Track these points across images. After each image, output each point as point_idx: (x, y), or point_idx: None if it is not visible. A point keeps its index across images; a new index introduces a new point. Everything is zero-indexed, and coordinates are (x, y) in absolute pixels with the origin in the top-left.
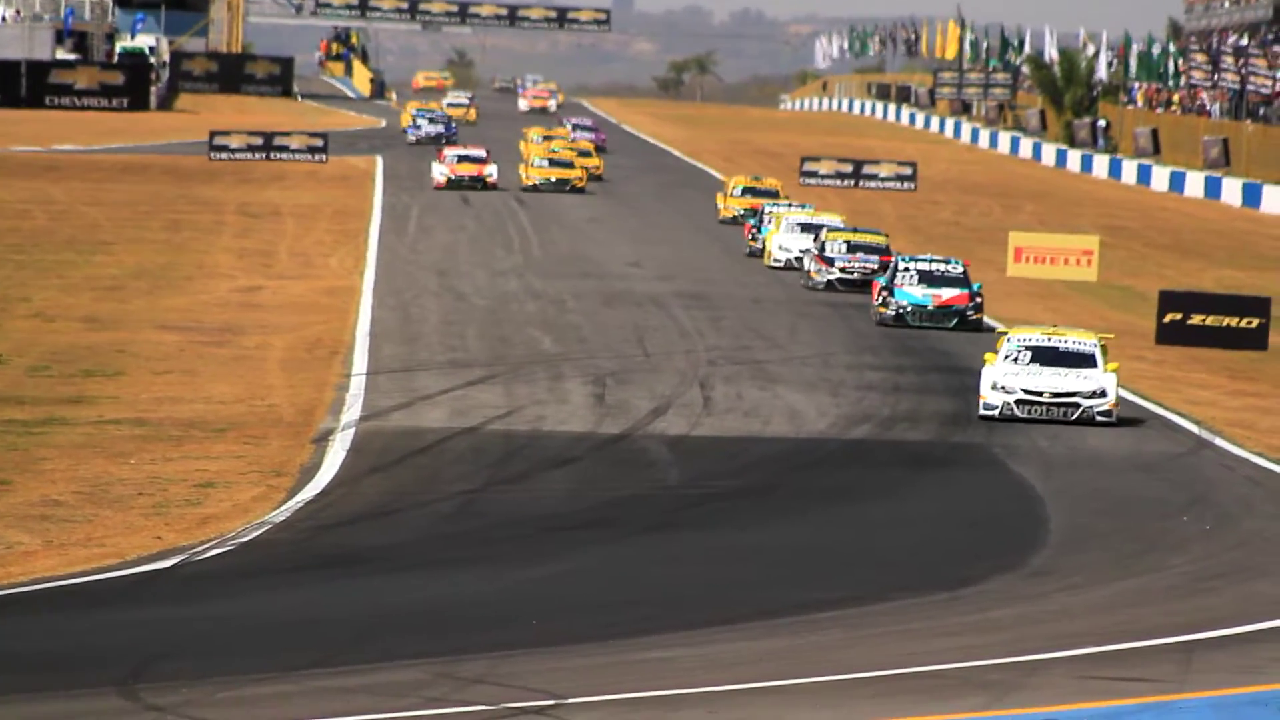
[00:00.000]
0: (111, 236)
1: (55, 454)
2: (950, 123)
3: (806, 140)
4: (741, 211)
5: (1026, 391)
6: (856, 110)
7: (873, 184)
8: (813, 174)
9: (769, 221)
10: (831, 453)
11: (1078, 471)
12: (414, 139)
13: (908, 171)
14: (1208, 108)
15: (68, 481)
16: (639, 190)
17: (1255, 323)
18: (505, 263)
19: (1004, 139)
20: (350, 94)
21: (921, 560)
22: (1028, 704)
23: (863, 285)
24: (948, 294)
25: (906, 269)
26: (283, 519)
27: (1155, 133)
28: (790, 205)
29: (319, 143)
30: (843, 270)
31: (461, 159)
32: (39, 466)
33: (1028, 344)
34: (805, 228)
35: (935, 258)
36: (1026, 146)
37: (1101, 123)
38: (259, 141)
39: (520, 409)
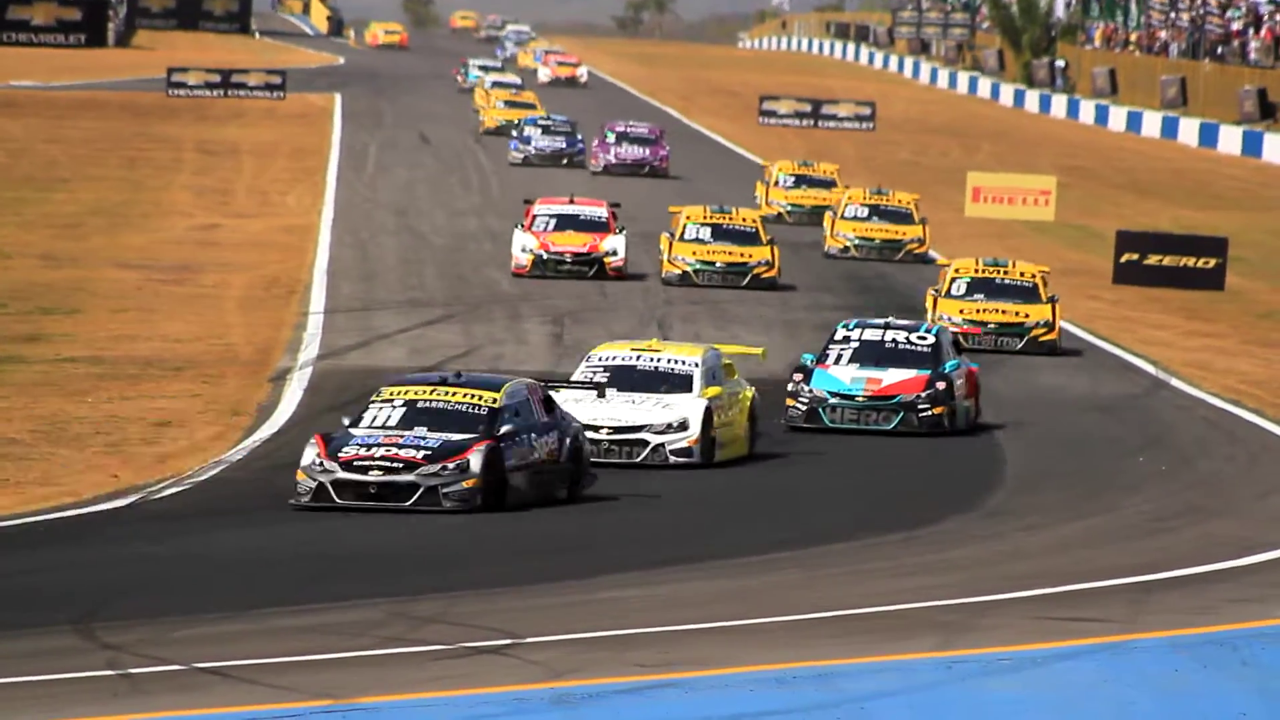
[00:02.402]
0: (69, 173)
1: (12, 392)
2: (909, 62)
3: (765, 79)
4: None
5: None
6: (815, 49)
7: (831, 124)
8: (772, 113)
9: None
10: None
11: (1034, 412)
12: (520, 157)
13: (866, 111)
14: (1167, 46)
15: (24, 420)
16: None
17: (1212, 263)
18: (464, 202)
19: (962, 79)
20: (308, 31)
21: (877, 501)
22: (982, 644)
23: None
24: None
25: (846, 338)
26: (239, 458)
27: (1113, 73)
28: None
29: (277, 80)
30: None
31: (562, 222)
32: None
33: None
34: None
35: (894, 321)
36: (985, 86)
37: (1060, 63)
38: (217, 79)
39: (479, 348)
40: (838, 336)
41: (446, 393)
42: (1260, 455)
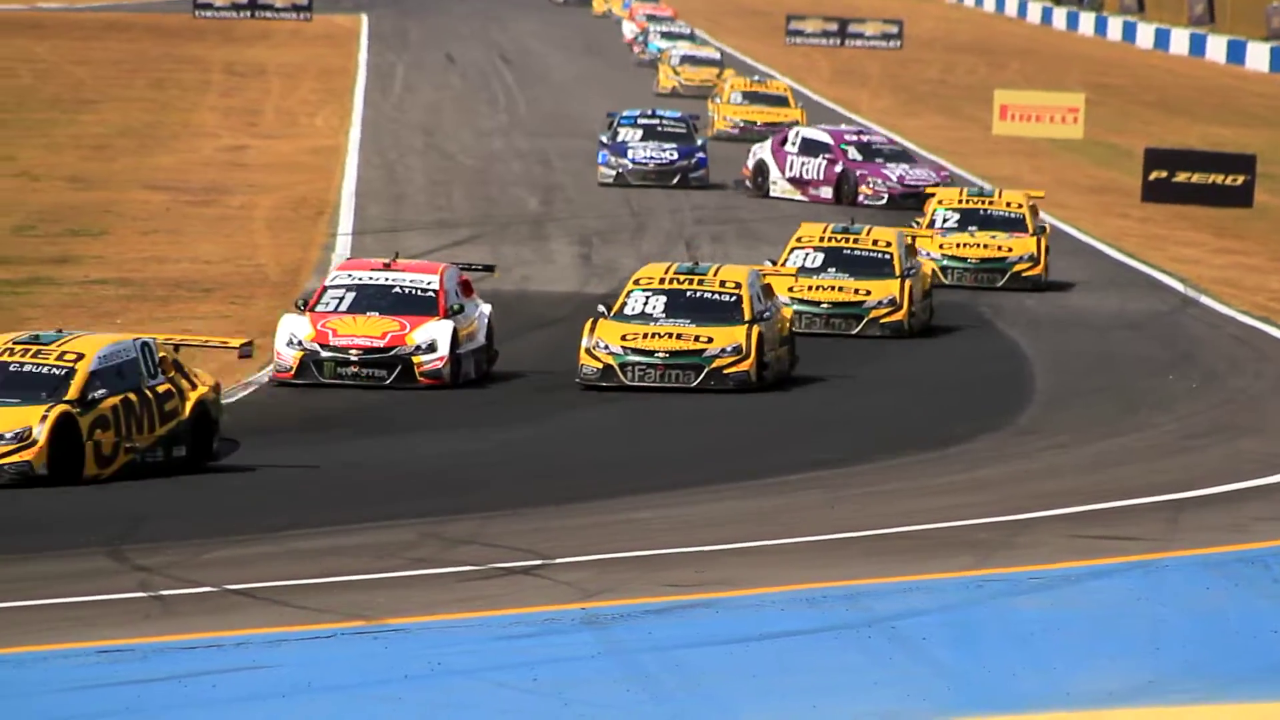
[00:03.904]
0: (97, 95)
1: (41, 314)
2: None
3: None
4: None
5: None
6: None
7: (859, 43)
8: (798, 33)
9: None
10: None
11: (1064, 331)
12: (610, 175)
13: (894, 30)
14: None
15: None
16: (625, 48)
17: (1240, 180)
18: (491, 122)
19: None
20: None
21: (908, 421)
22: (1015, 563)
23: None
24: None
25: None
26: (268, 380)
27: None
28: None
29: (304, 1)
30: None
31: (362, 299)
32: (25, 326)
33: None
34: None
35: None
36: (1012, 4)
37: None
38: (244, 0)
39: (507, 269)
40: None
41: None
42: None
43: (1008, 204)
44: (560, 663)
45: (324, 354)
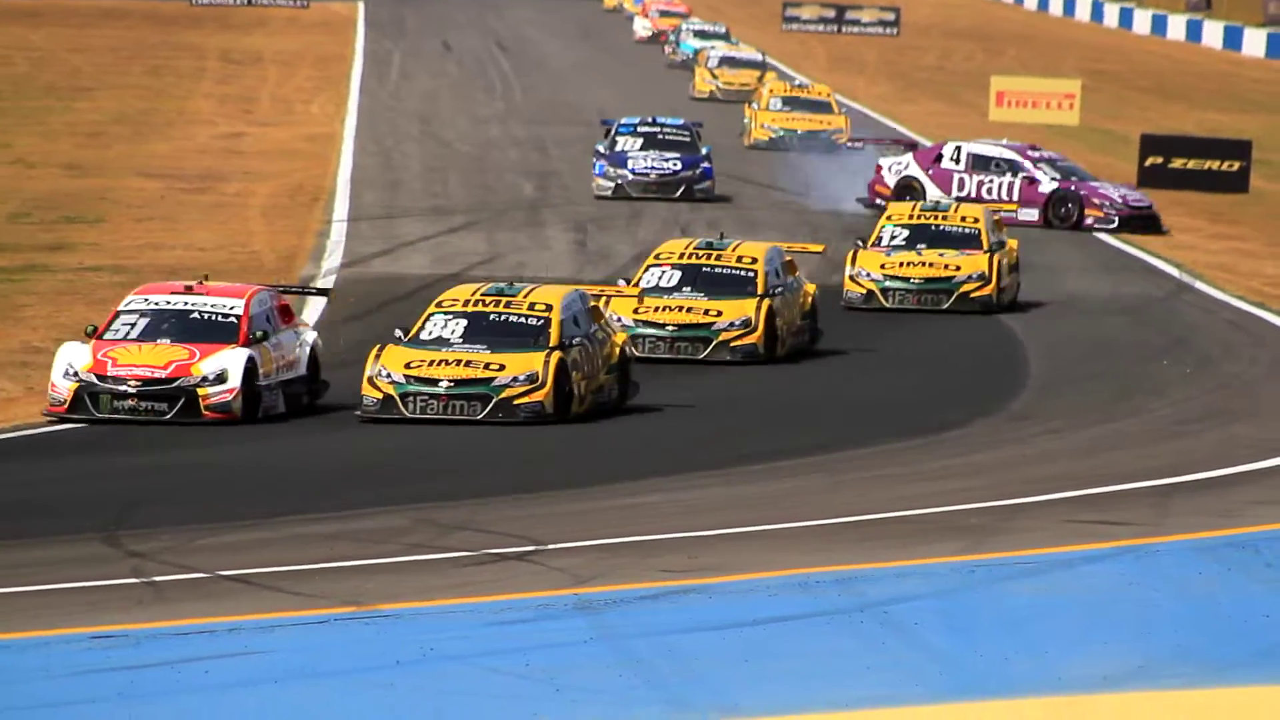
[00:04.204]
0: (92, 83)
1: (36, 301)
2: None
3: None
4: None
5: None
6: None
7: (855, 29)
8: (795, 19)
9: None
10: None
11: (1059, 316)
12: (609, 188)
13: (891, 16)
14: None
15: (49, 328)
16: (622, 37)
17: (1236, 165)
18: (487, 109)
19: None
20: None
21: (902, 405)
22: (1009, 547)
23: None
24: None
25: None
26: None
27: None
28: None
29: None
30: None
31: (155, 325)
32: (20, 313)
33: None
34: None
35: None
36: None
37: None
38: None
39: (502, 255)
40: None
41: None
42: None
43: (963, 218)
44: (553, 648)
45: (99, 385)
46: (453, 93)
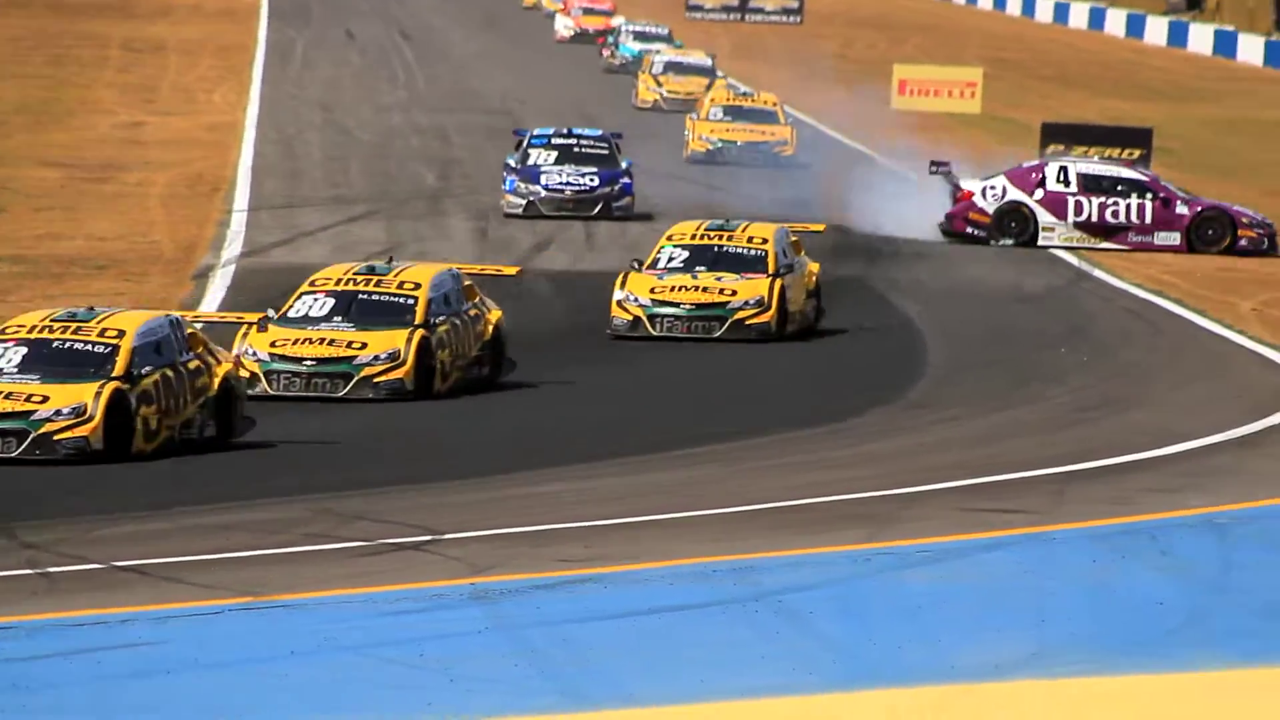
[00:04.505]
0: None
1: None
2: None
3: None
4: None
5: None
6: None
7: (759, 18)
8: (699, 8)
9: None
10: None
11: (958, 304)
12: (519, 205)
13: (794, 5)
14: None
15: None
16: (522, 25)
17: (1137, 153)
18: (390, 98)
19: None
20: None
21: (800, 394)
22: (906, 535)
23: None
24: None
25: None
26: None
27: None
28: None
29: None
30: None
31: None
32: None
33: None
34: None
35: None
36: None
37: None
38: None
39: (403, 244)
40: None
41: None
42: (1181, 346)
43: (750, 239)
44: (448, 638)
45: None
46: (355, 81)
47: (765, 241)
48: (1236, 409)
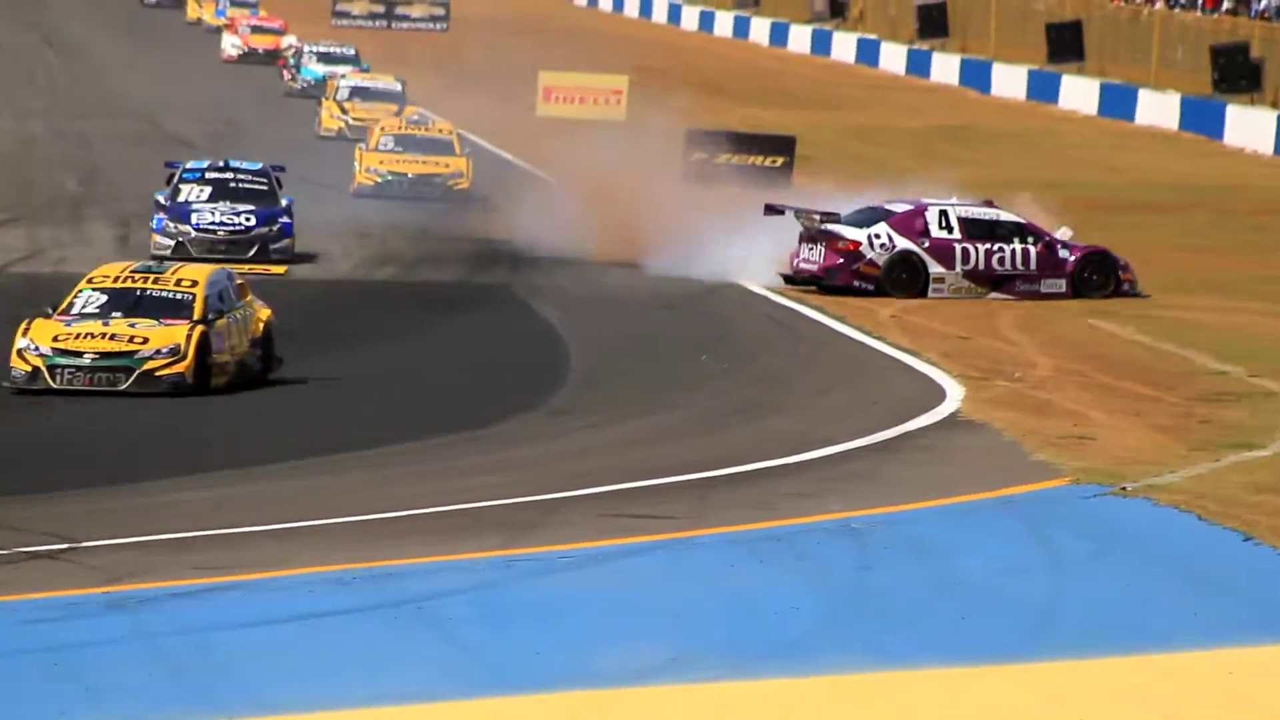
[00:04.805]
0: None
1: None
2: None
3: None
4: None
5: None
6: None
7: (405, 25)
8: (345, 14)
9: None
10: (355, 295)
11: (599, 311)
12: (168, 245)
13: (441, 11)
14: None
15: None
16: (170, 31)
17: (780, 161)
18: (32, 103)
19: None
20: None
21: (442, 402)
22: (547, 542)
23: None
24: None
25: None
26: None
27: None
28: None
29: None
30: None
31: None
32: None
33: None
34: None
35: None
36: None
37: None
38: None
39: (43, 251)
40: None
41: None
42: (820, 352)
43: (179, 281)
44: (84, 647)
45: None
46: None
47: (195, 284)
48: (875, 415)
